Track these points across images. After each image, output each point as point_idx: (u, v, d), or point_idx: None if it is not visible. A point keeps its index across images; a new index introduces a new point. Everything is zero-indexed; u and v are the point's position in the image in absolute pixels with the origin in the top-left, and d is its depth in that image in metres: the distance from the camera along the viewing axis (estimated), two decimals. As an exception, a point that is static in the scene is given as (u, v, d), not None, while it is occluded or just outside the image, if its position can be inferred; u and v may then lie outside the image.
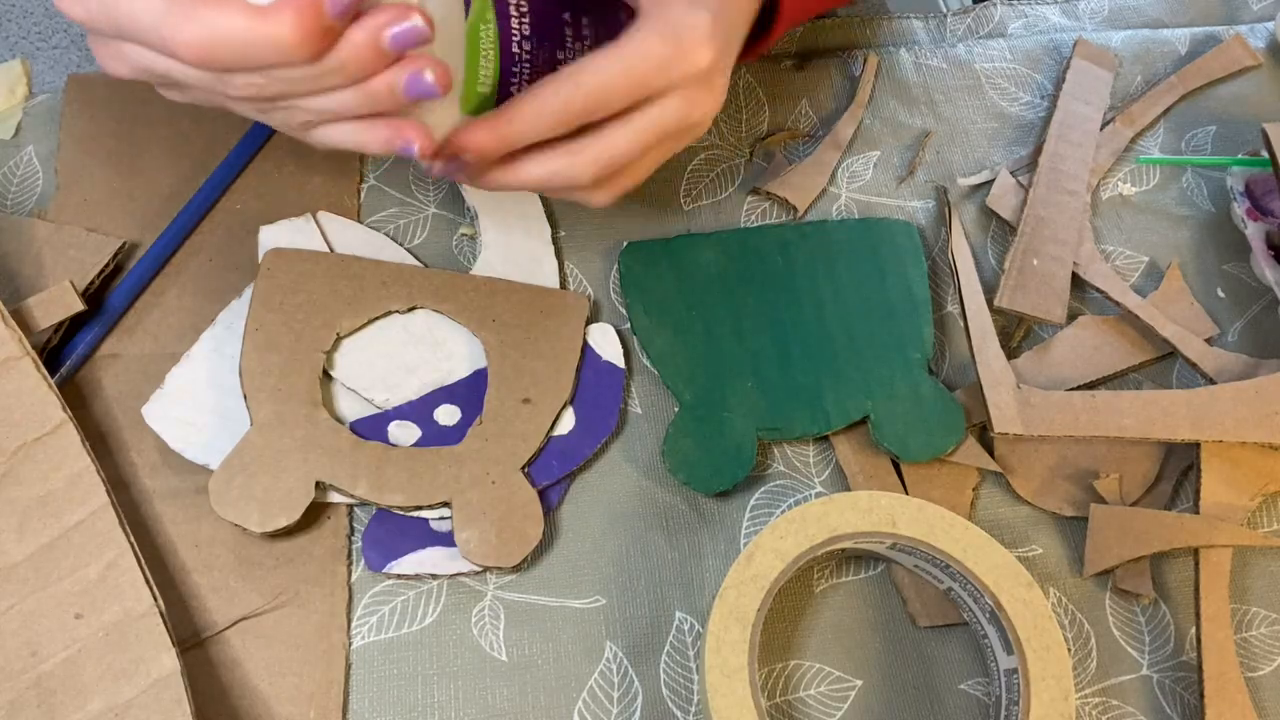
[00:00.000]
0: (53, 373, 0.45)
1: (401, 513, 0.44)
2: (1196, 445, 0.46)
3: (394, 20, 0.32)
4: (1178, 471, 0.47)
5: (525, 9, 0.41)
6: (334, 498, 0.44)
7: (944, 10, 0.62)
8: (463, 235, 0.51)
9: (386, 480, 0.43)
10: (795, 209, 0.52)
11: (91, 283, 0.47)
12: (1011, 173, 0.55)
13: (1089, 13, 0.63)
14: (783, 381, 0.47)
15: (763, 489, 0.46)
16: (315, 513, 0.43)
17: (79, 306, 0.45)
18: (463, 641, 0.42)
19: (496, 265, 0.49)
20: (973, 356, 0.47)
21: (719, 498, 0.46)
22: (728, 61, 0.41)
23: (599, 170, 0.39)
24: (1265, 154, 0.52)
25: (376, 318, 0.47)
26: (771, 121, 0.56)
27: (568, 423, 0.46)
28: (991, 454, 0.47)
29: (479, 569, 0.43)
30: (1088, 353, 0.49)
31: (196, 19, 0.30)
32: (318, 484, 0.43)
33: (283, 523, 0.42)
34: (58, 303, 0.45)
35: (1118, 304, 0.50)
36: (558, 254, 0.51)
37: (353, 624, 0.42)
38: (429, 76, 0.33)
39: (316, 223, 0.50)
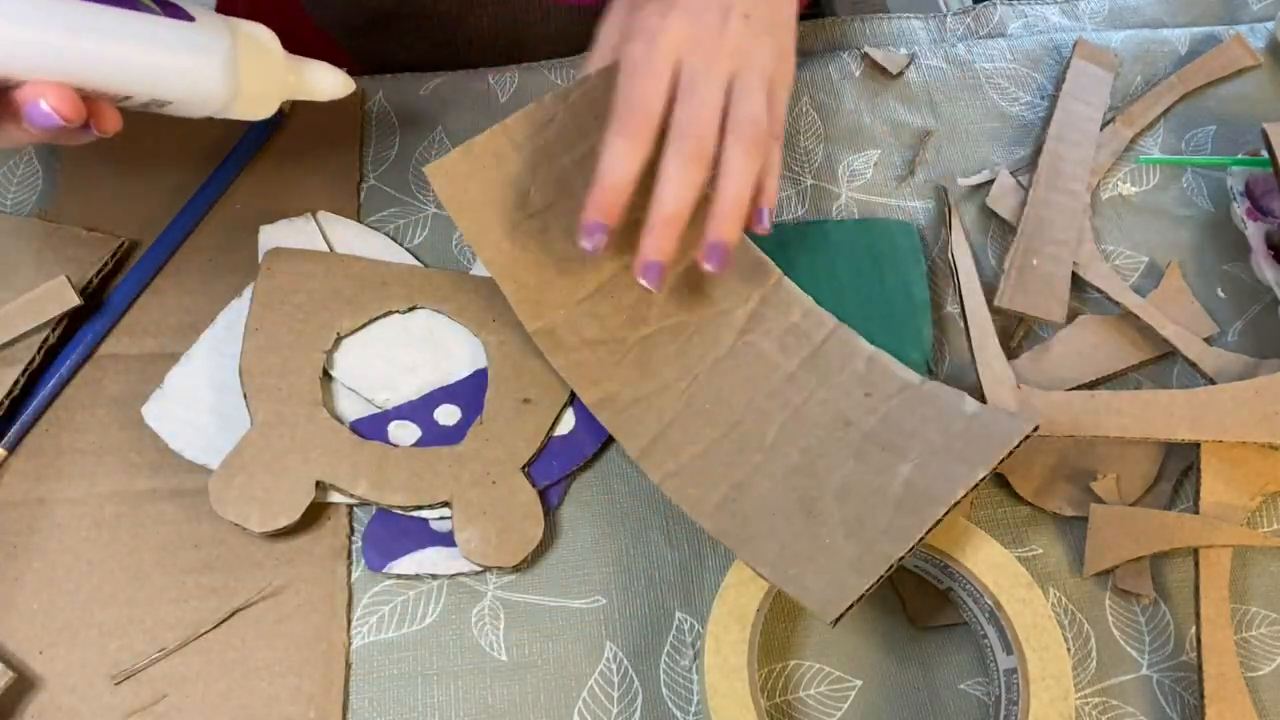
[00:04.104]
0: (52, 373, 0.45)
1: (402, 512, 0.44)
2: (1196, 445, 0.46)
3: None
4: (1178, 471, 0.47)
5: None
6: (334, 498, 0.44)
7: (944, 10, 0.62)
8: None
9: (387, 480, 0.43)
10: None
11: (90, 281, 0.47)
12: (1011, 173, 0.55)
13: (1089, 13, 0.63)
14: (783, 381, 0.47)
15: (763, 489, 0.46)
16: (315, 513, 0.43)
17: (75, 301, 0.45)
18: (463, 641, 0.42)
19: (496, 265, 0.49)
20: (973, 356, 0.47)
21: (719, 498, 0.46)
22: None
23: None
24: (1265, 154, 0.52)
25: (376, 318, 0.47)
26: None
27: (568, 423, 0.46)
28: (991, 454, 0.47)
29: (479, 569, 0.43)
30: (1088, 353, 0.49)
31: None
32: (318, 484, 0.43)
33: (283, 523, 0.42)
34: (54, 298, 0.45)
35: (1117, 304, 0.50)
36: (558, 254, 0.51)
37: (353, 624, 0.42)
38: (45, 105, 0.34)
39: (316, 223, 0.50)
